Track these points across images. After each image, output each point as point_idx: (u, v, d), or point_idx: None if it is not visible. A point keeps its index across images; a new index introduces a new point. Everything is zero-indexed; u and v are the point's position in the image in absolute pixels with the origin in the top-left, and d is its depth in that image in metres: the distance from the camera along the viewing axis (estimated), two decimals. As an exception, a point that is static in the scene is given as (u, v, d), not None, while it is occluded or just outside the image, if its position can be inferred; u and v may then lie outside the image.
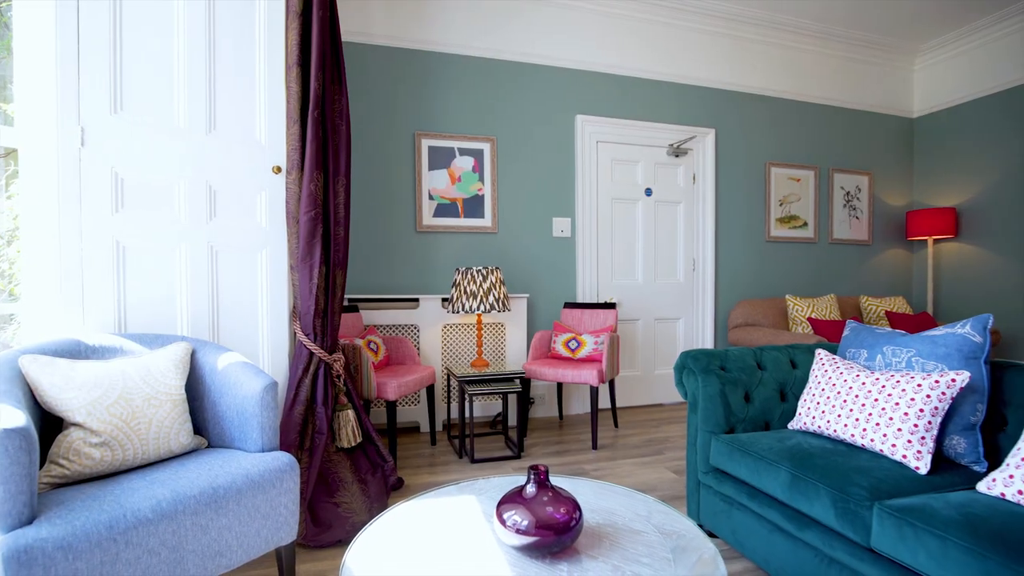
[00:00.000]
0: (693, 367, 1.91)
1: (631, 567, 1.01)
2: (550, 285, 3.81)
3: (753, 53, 4.29)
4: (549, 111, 3.80)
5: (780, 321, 3.94)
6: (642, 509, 1.26)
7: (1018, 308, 4.13)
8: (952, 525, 1.11)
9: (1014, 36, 4.11)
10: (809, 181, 4.46)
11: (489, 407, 3.63)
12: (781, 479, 1.51)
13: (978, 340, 1.53)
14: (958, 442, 1.49)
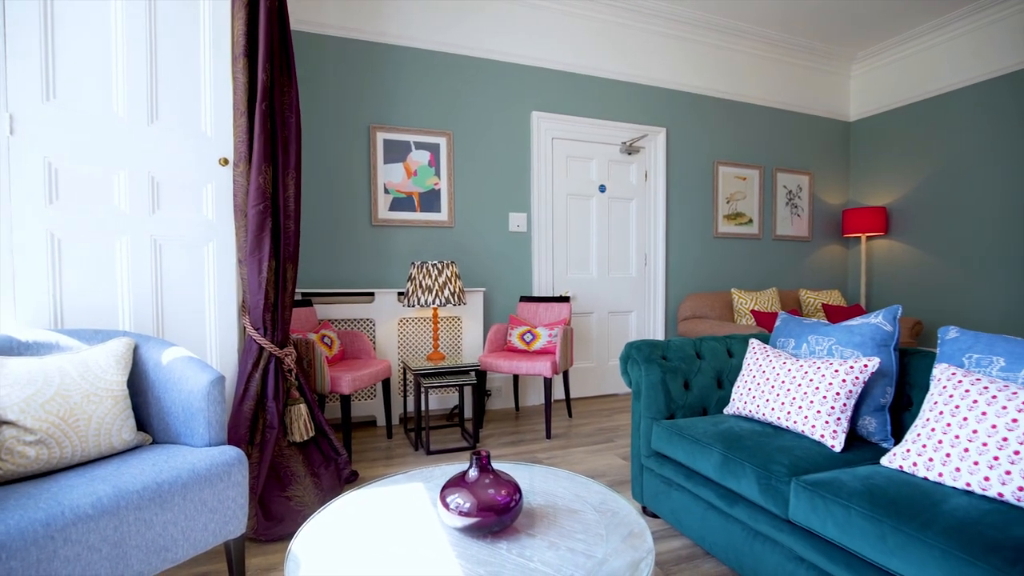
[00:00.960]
0: (637, 357, 2.01)
1: (566, 542, 1.07)
2: (506, 279, 3.87)
3: (703, 56, 4.45)
4: (506, 107, 3.84)
5: (726, 313, 4.13)
6: (582, 491, 1.33)
7: (939, 300, 4.48)
8: (855, 495, 1.23)
9: (939, 48, 4.43)
10: (754, 180, 4.68)
11: (446, 400, 3.67)
12: (714, 460, 1.62)
13: (888, 329, 1.68)
14: (869, 422, 1.64)
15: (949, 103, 4.38)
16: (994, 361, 1.35)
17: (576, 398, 4.14)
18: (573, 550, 1.04)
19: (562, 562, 1.00)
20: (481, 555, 1.03)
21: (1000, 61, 4.04)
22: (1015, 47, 3.96)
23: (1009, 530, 1.02)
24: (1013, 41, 3.97)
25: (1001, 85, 4.06)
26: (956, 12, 4.16)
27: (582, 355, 4.12)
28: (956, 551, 1.01)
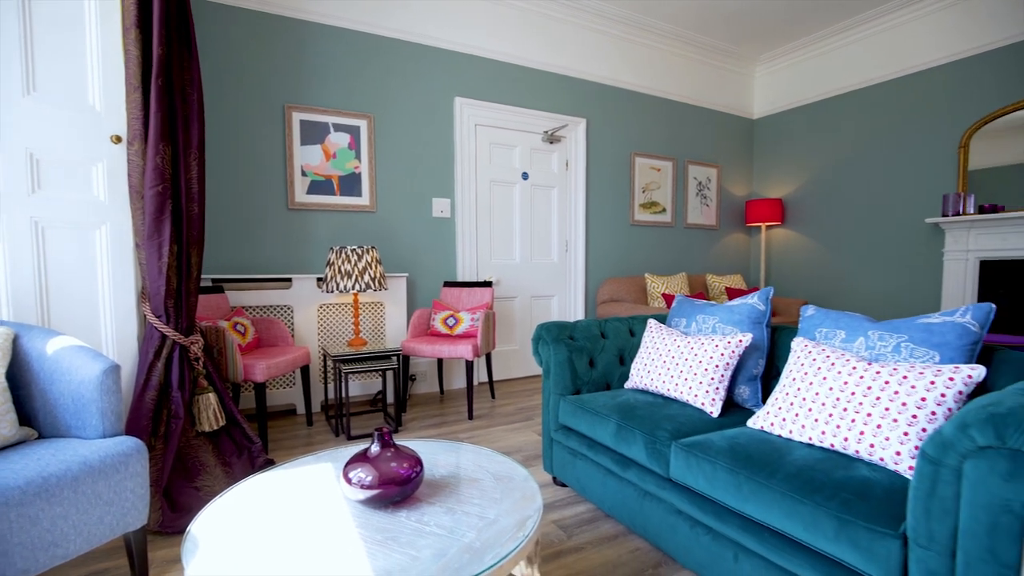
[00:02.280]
0: (546, 338, 2.13)
1: (463, 507, 1.16)
2: (430, 264, 3.89)
3: (622, 50, 4.63)
4: (428, 91, 3.83)
5: (640, 296, 4.39)
6: (484, 462, 1.42)
7: (825, 283, 4.99)
8: (721, 453, 1.40)
9: (832, 55, 4.87)
10: (668, 171, 4.97)
11: (370, 386, 3.66)
12: (610, 429, 1.77)
13: (762, 308, 1.90)
14: (744, 390, 1.85)
15: (839, 104, 4.85)
16: (837, 334, 1.58)
17: (500, 380, 4.26)
18: (468, 513, 1.13)
19: (456, 524, 1.09)
20: (381, 523, 1.09)
21: (887, 67, 4.51)
22: (900, 54, 4.45)
23: (833, 473, 1.22)
24: (899, 48, 4.45)
25: (886, 88, 4.55)
26: (850, 20, 4.59)
27: (506, 338, 4.24)
28: (791, 493, 1.19)
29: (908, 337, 1.42)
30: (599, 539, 1.82)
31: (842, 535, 1.08)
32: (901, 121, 4.40)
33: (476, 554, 0.97)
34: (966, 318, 1.37)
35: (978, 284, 3.97)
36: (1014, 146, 3.79)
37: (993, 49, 3.87)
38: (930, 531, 0.96)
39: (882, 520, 1.05)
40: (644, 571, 1.63)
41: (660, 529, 1.61)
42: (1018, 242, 3.73)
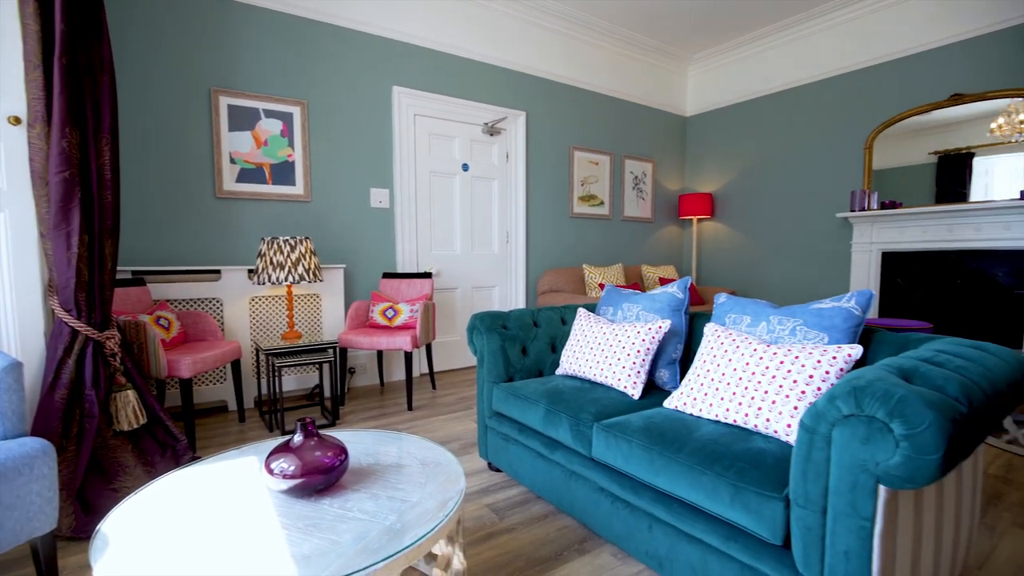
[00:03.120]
0: (480, 327, 2.17)
1: (387, 493, 1.19)
2: (369, 255, 3.84)
3: (562, 45, 4.71)
4: (365, 79, 3.75)
5: (579, 287, 4.52)
6: (412, 449, 1.45)
7: (750, 272, 5.32)
8: (637, 432, 1.50)
9: (757, 58, 5.15)
10: (605, 165, 5.11)
11: (307, 379, 3.59)
12: (539, 414, 1.84)
13: (680, 296, 2.02)
14: (664, 373, 1.97)
15: (763, 105, 5.14)
16: (743, 319, 1.72)
17: (441, 371, 4.28)
18: (392, 498, 1.16)
19: (379, 508, 1.11)
20: (304, 511, 1.11)
21: (806, 72, 4.82)
22: (817, 60, 4.76)
23: (732, 446, 1.33)
24: (816, 54, 4.77)
25: (805, 91, 4.87)
26: (773, 26, 4.87)
27: (447, 329, 4.26)
28: (695, 465, 1.30)
29: (803, 321, 1.57)
30: (530, 519, 1.89)
31: (736, 501, 1.20)
32: (817, 122, 4.74)
33: (396, 535, 1.00)
34: (851, 303, 1.52)
35: (880, 273, 4.35)
36: (911, 148, 4.17)
37: (896, 59, 4.23)
38: (807, 492, 1.08)
39: (770, 485, 1.16)
40: (570, 547, 1.72)
41: (585, 506, 1.70)
42: (914, 235, 4.13)
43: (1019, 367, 1.29)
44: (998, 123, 3.77)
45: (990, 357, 1.26)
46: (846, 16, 4.44)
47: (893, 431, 0.93)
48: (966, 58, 3.89)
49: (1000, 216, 3.70)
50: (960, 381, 1.05)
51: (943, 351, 1.27)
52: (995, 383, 1.14)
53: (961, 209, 3.83)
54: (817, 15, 4.56)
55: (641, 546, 1.50)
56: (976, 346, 1.33)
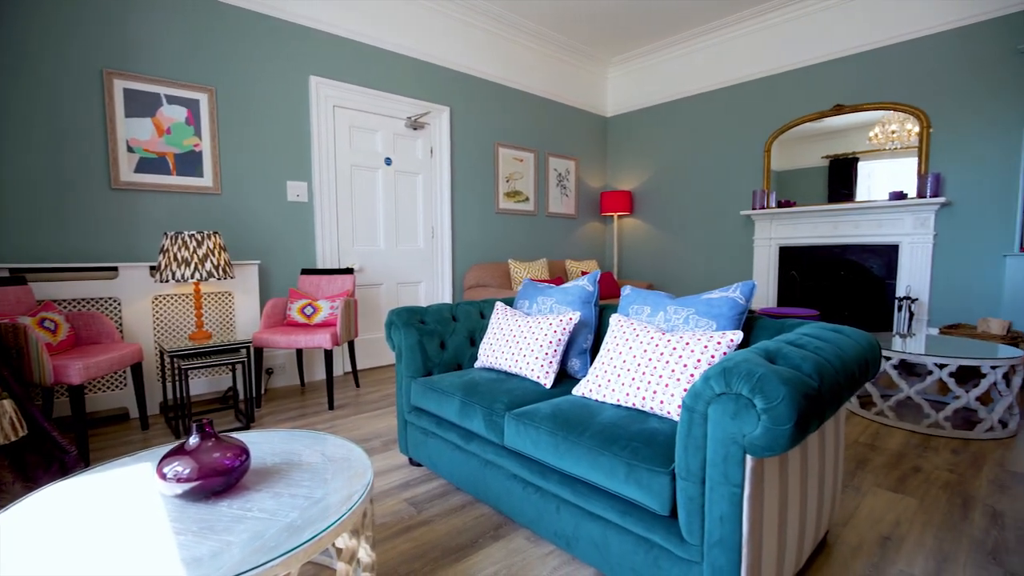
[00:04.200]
0: (397, 322, 2.17)
1: (291, 490, 1.18)
2: (286, 251, 3.70)
3: (486, 42, 4.74)
4: (280, 67, 3.60)
5: (505, 281, 4.59)
6: (321, 446, 1.44)
7: (666, 266, 5.63)
8: (544, 418, 1.57)
9: (672, 63, 5.44)
10: (530, 162, 5.21)
11: (220, 382, 3.41)
12: (455, 406, 1.87)
13: (591, 289, 2.12)
14: (575, 362, 2.06)
15: (677, 108, 5.44)
16: (644, 309, 1.83)
17: (366, 368, 4.20)
18: (295, 495, 1.15)
19: (280, 506, 1.10)
20: (199, 515, 1.07)
21: (715, 78, 5.15)
22: (724, 67, 5.09)
23: (630, 427, 1.43)
24: (724, 62, 5.09)
25: (714, 96, 5.19)
26: (686, 33, 5.15)
27: (371, 326, 4.19)
28: (595, 447, 1.38)
29: (695, 310, 1.70)
30: (448, 510, 1.92)
31: (630, 478, 1.29)
32: (724, 126, 5.08)
33: (296, 531, 1.00)
34: (736, 293, 1.67)
35: (778, 265, 4.76)
36: (807, 152, 4.58)
37: (790, 71, 4.62)
38: (688, 465, 1.18)
39: (659, 462, 1.27)
40: (486, 533, 1.77)
41: (499, 493, 1.75)
42: (806, 231, 4.54)
43: (868, 347, 1.48)
44: (874, 132, 4.23)
45: (845, 339, 1.43)
46: (749, 29, 4.79)
47: (755, 406, 1.05)
48: (848, 72, 4.32)
49: (874, 215, 4.16)
50: (815, 360, 1.20)
51: (807, 334, 1.43)
52: (846, 361, 1.30)
53: (842, 208, 4.26)
54: (722, 27, 4.88)
55: (551, 527, 1.57)
56: (835, 329, 1.51)
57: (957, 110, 3.83)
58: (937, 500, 1.97)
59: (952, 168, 3.87)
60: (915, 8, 3.95)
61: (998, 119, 3.67)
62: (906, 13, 3.99)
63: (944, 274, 3.95)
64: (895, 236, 4.09)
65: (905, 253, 4.06)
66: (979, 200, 3.78)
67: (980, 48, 3.71)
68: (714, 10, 4.65)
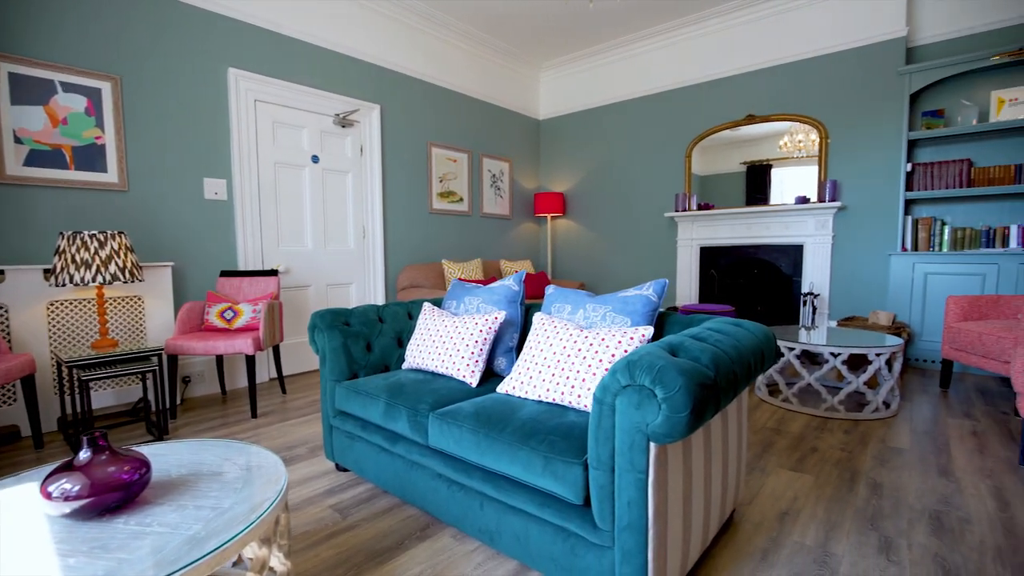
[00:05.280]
0: (320, 325, 2.12)
1: (196, 502, 1.13)
2: (204, 252, 3.50)
3: (418, 41, 4.69)
4: (194, 57, 3.40)
5: (439, 282, 4.57)
6: (234, 455, 1.39)
7: (598, 265, 5.81)
8: (467, 417, 1.59)
9: (600, 70, 5.62)
10: (464, 162, 5.22)
11: (130, 392, 3.17)
12: (380, 408, 1.86)
13: (516, 289, 2.17)
14: (501, 361, 2.10)
15: (606, 113, 5.63)
16: (565, 308, 1.90)
17: (294, 374, 4.06)
18: (200, 507, 1.10)
19: (183, 519, 1.05)
20: (90, 534, 1.01)
21: (641, 86, 5.36)
22: (649, 75, 5.31)
23: (548, 422, 1.48)
24: (649, 70, 5.32)
25: (640, 103, 5.41)
26: (613, 42, 5.33)
27: (299, 330, 4.04)
28: (515, 442, 1.42)
29: (612, 308, 1.78)
30: (374, 514, 1.90)
31: (547, 470, 1.34)
32: (650, 132, 5.32)
33: (199, 544, 0.96)
34: (649, 291, 1.76)
35: (699, 264, 5.04)
36: (728, 158, 4.88)
37: (709, 81, 4.90)
38: (599, 455, 1.24)
39: (573, 453, 1.32)
40: (412, 535, 1.77)
41: (425, 494, 1.76)
42: (724, 232, 4.84)
43: (764, 339, 1.61)
44: (784, 141, 4.57)
45: (743, 332, 1.56)
46: (671, 41, 5.04)
47: (656, 396, 1.12)
48: (759, 85, 4.65)
49: (781, 217, 4.50)
50: (713, 352, 1.29)
51: (710, 328, 1.54)
52: (742, 352, 1.42)
53: (754, 211, 4.58)
54: (647, 37, 5.11)
55: (475, 524, 1.59)
56: (736, 323, 1.63)
57: (850, 123, 4.22)
58: (829, 476, 2.17)
59: (847, 175, 4.27)
60: (816, 28, 4.31)
61: (882, 133, 4.08)
62: (808, 33, 4.35)
63: (841, 271, 4.34)
64: (800, 237, 4.45)
65: (808, 252, 4.43)
66: (869, 205, 4.18)
67: (869, 68, 4.11)
68: (637, 22, 4.86)
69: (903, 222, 4.00)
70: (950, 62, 3.70)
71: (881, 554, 1.62)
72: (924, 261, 3.86)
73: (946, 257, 3.77)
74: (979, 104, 3.84)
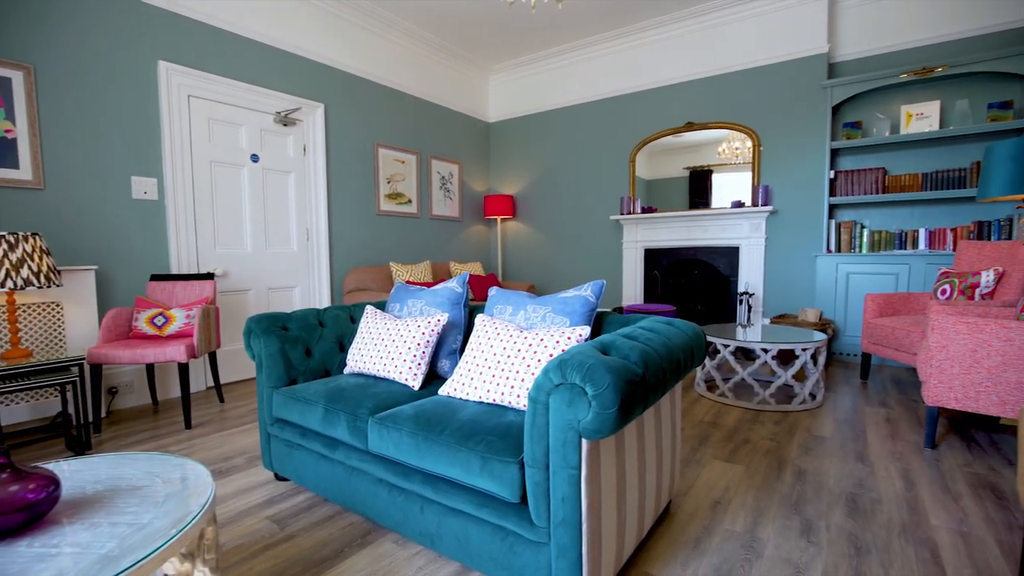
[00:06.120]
0: (256, 330, 2.05)
1: (111, 519, 1.07)
2: (132, 255, 3.31)
3: (363, 40, 4.61)
4: (121, 48, 3.21)
5: (387, 285, 4.50)
6: (158, 468, 1.32)
7: (546, 267, 5.89)
8: (407, 420, 1.58)
9: (548, 75, 5.70)
10: (412, 164, 5.17)
11: (50, 406, 2.95)
12: (318, 414, 1.82)
13: (460, 291, 2.17)
14: (444, 363, 2.10)
15: (554, 117, 5.72)
16: (507, 309, 1.92)
17: (234, 382, 3.89)
18: (116, 524, 1.05)
19: (95, 538, 1.00)
20: (-12, 559, 0.94)
21: (588, 91, 5.47)
22: (595, 82, 5.43)
23: (488, 422, 1.49)
24: (594, 77, 5.43)
25: (587, 108, 5.52)
26: (558, 48, 5.42)
27: (239, 336, 3.88)
28: (453, 444, 1.43)
29: (551, 308, 1.82)
30: (313, 523, 1.86)
31: (485, 470, 1.35)
32: (596, 136, 5.45)
33: (111, 562, 0.92)
34: (587, 292, 1.81)
35: (644, 265, 5.20)
36: (672, 164, 5.06)
37: (650, 89, 5.07)
38: (534, 453, 1.27)
39: (510, 453, 1.34)
40: (353, 542, 1.74)
41: (366, 499, 1.73)
42: (666, 235, 5.01)
43: (694, 337, 1.69)
44: (722, 148, 4.79)
45: (674, 330, 1.62)
46: (615, 48, 5.19)
47: (587, 393, 1.16)
48: (697, 94, 4.85)
49: (719, 221, 4.72)
50: (642, 350, 1.35)
51: (643, 327, 1.60)
52: (672, 350, 1.48)
53: (694, 214, 4.78)
54: (593, 44, 5.24)
55: (416, 528, 1.59)
56: (668, 322, 1.70)
57: (780, 132, 4.48)
58: (759, 466, 2.29)
59: (778, 181, 4.52)
60: (748, 42, 4.55)
61: (808, 142, 4.35)
62: (741, 46, 4.58)
63: (774, 272, 4.59)
64: (736, 239, 4.67)
65: (744, 254, 4.66)
66: (797, 209, 4.45)
67: (796, 81, 4.37)
68: (582, 30, 4.97)
69: (827, 225, 4.27)
70: (865, 78, 4.00)
71: (802, 536, 1.73)
72: (846, 262, 4.14)
73: (865, 258, 4.06)
74: (891, 117, 4.16)
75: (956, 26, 3.91)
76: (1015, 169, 2.59)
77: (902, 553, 1.63)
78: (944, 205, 4.02)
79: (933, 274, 3.83)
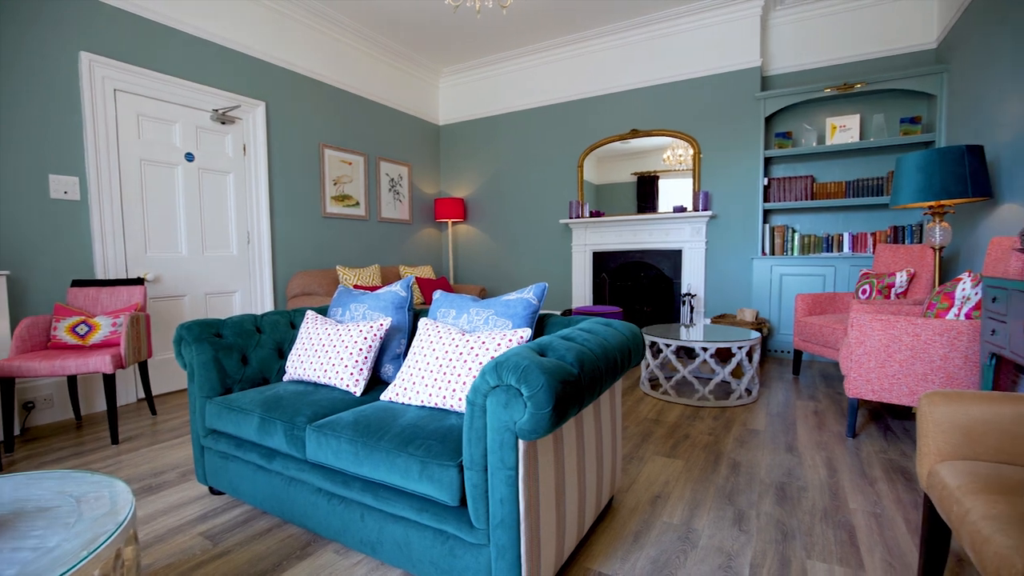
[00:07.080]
0: (187, 337, 1.95)
1: (13, 544, 0.99)
2: (50, 259, 3.09)
3: (307, 37, 4.49)
4: (36, 37, 2.99)
5: (334, 289, 4.39)
6: (71, 487, 1.24)
7: (497, 269, 5.91)
8: (346, 427, 1.55)
9: (498, 79, 5.73)
10: (360, 165, 5.08)
11: (-51, 425, 2.70)
12: (254, 424, 1.75)
13: (403, 295, 2.15)
14: (388, 368, 2.07)
15: (504, 121, 5.76)
16: (450, 312, 1.92)
17: (167, 392, 3.69)
18: (18, 548, 0.98)
19: (-6, 564, 0.93)
20: None
21: (537, 96, 5.54)
22: (545, 87, 5.50)
23: (428, 426, 1.49)
24: (545, 82, 5.50)
25: (536, 113, 5.58)
26: (508, 53, 5.46)
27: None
28: (392, 449, 1.41)
29: (495, 311, 1.83)
30: (250, 537, 1.79)
31: (424, 475, 1.35)
32: (545, 142, 5.52)
33: (11, 589, 0.86)
34: (530, 295, 1.84)
35: (593, 268, 5.31)
36: (620, 169, 5.19)
37: (597, 96, 5.19)
38: (472, 455, 1.28)
39: (448, 456, 1.34)
40: (292, 554, 1.69)
41: (306, 510, 1.69)
42: (613, 239, 5.14)
43: (632, 337, 1.74)
44: (667, 155, 4.96)
45: (611, 331, 1.67)
46: (562, 55, 5.28)
47: (522, 394, 1.17)
48: (642, 102, 5.00)
49: (663, 225, 4.88)
50: (578, 351, 1.38)
51: (582, 328, 1.64)
52: (608, 350, 1.52)
53: (639, 219, 4.92)
54: (542, 50, 5.31)
55: (357, 536, 1.56)
56: (606, 323, 1.75)
57: (718, 140, 4.68)
58: (697, 459, 2.39)
59: (717, 187, 4.72)
60: (687, 54, 4.74)
61: (744, 150, 4.58)
62: (681, 57, 4.76)
63: (714, 273, 4.79)
64: (679, 243, 4.85)
65: (686, 257, 4.84)
66: (735, 214, 4.66)
67: (732, 92, 4.59)
68: (529, 36, 5.04)
69: (762, 229, 4.50)
70: (794, 91, 4.25)
71: (735, 525, 1.82)
72: (779, 264, 4.37)
73: (796, 260, 4.31)
74: (818, 128, 4.44)
75: (874, 46, 4.22)
76: (921, 179, 2.82)
77: (823, 536, 1.74)
78: (865, 211, 4.32)
79: (856, 275, 4.10)
